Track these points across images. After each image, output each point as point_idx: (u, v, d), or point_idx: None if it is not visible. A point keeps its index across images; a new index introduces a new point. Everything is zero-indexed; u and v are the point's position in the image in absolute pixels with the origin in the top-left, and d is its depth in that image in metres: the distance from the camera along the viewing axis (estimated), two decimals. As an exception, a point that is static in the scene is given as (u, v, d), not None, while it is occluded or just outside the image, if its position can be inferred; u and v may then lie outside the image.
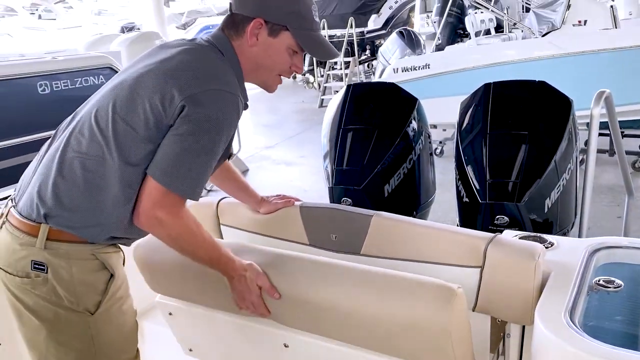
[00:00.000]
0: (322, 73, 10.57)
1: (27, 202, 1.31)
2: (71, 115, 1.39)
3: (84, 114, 1.32)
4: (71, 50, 6.24)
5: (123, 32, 11.60)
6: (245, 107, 1.39)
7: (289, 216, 1.42)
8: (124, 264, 1.42)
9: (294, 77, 13.28)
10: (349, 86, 2.66)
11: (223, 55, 1.35)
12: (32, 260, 1.27)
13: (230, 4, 1.41)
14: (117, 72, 4.76)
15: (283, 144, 7.53)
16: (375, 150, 2.30)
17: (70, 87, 4.38)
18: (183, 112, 1.22)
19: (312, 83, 11.44)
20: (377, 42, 10.75)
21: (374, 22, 10.88)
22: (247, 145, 6.71)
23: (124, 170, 1.25)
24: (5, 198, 1.54)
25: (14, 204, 1.36)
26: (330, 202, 2.33)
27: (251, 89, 1.43)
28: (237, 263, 1.32)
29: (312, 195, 5.27)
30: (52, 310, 1.29)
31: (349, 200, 2.22)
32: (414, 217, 2.45)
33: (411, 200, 2.43)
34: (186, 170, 1.22)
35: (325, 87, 10.01)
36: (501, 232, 1.68)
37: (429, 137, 2.68)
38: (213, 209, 1.50)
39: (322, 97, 9.79)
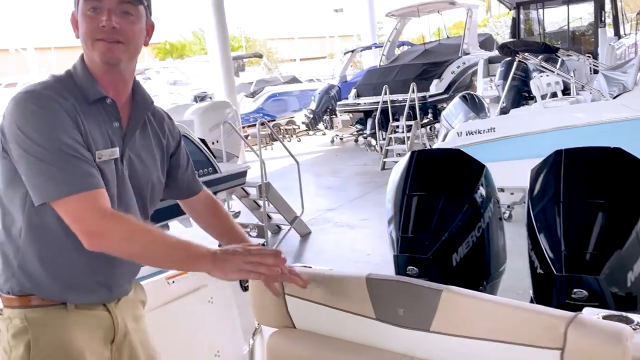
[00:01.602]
0: (383, 136, 10.66)
1: None
2: None
3: None
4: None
5: (196, 100, 12.24)
6: (103, 99, 1.40)
7: (355, 287, 1.39)
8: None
9: (356, 141, 13.47)
10: (413, 152, 2.65)
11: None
12: None
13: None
14: (191, 140, 5.05)
15: (345, 206, 7.54)
16: (442, 217, 2.25)
17: (146, 153, 4.63)
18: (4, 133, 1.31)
19: (374, 146, 11.52)
20: (440, 105, 10.77)
21: (436, 86, 10.96)
22: (309, 208, 6.77)
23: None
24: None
25: None
26: (396, 271, 2.28)
27: (304, 153, 1.44)
28: (205, 245, 1.33)
29: (376, 259, 5.20)
30: None
31: (415, 269, 2.17)
32: (484, 287, 2.35)
33: (481, 270, 2.34)
34: (55, 172, 1.26)
35: (387, 149, 10.05)
36: (580, 307, 1.58)
37: (498, 202, 2.60)
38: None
39: (384, 160, 9.82)
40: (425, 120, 10.81)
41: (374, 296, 1.34)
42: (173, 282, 1.88)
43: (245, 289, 1.98)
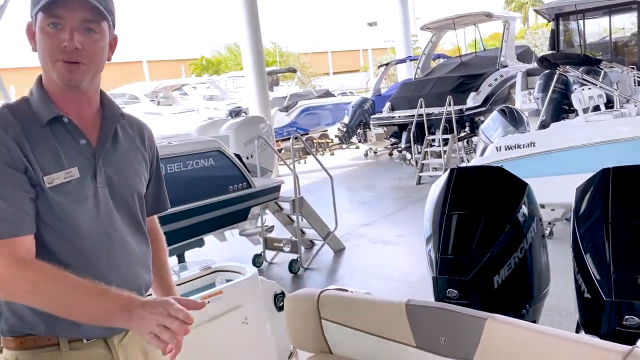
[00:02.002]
0: (419, 150, 10.54)
1: None
2: None
3: None
4: (184, 135, 6.72)
5: (231, 115, 12.38)
6: (64, 121, 1.33)
7: (394, 313, 1.34)
8: None
9: (390, 154, 13.37)
10: (452, 170, 2.58)
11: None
12: None
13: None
14: (226, 155, 5.08)
15: (380, 221, 7.45)
16: (483, 238, 2.17)
17: (183, 169, 4.68)
18: None
19: (409, 160, 11.40)
20: (477, 119, 10.61)
21: (473, 99, 10.80)
22: (343, 223, 6.70)
23: None
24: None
25: None
26: (435, 293, 2.21)
27: (337, 167, 1.40)
28: (127, 294, 1.23)
29: (413, 277, 5.10)
30: None
31: (455, 291, 2.09)
32: (527, 311, 2.26)
33: (523, 293, 2.24)
34: None
35: (423, 163, 9.93)
36: (631, 336, 1.49)
37: (541, 220, 2.50)
38: (314, 301, 1.45)
39: (420, 174, 9.70)
40: (462, 134, 10.65)
41: (414, 323, 1.29)
42: (208, 302, 1.86)
43: (280, 308, 1.94)
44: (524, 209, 2.32)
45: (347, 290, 1.54)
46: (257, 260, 5.94)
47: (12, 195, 1.24)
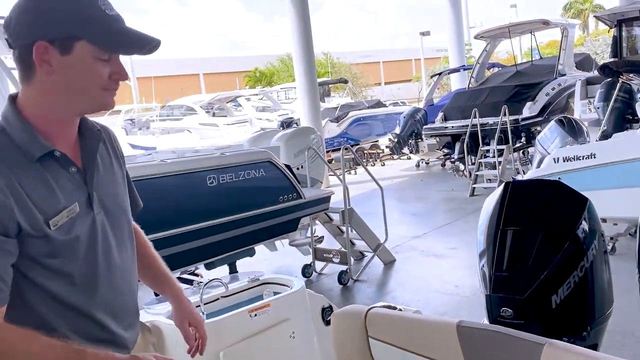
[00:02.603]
0: (472, 161, 10.30)
1: None
2: None
3: None
4: (236, 145, 6.82)
5: (282, 126, 12.54)
6: (55, 155, 1.22)
7: (444, 334, 1.28)
8: None
9: (443, 165, 13.14)
10: (507, 183, 2.48)
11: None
12: None
13: (8, 42, 1.20)
14: (276, 166, 5.12)
15: (432, 233, 7.31)
16: (540, 255, 2.07)
17: (234, 179, 4.75)
18: None
19: (463, 171, 11.16)
20: (533, 129, 10.27)
21: (530, 109, 10.48)
22: (393, 234, 6.62)
23: None
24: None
25: None
26: (487, 311, 2.12)
27: (388, 177, 1.36)
28: (104, 353, 1.16)
29: (465, 291, 4.96)
30: None
31: (510, 310, 2.00)
32: (588, 333, 2.13)
33: (584, 313, 2.12)
34: None
35: (477, 175, 9.70)
36: None
37: (603, 236, 2.37)
38: (361, 318, 1.41)
39: (474, 186, 9.47)
40: (518, 145, 10.35)
41: (465, 346, 1.23)
42: (255, 315, 1.85)
43: (327, 322, 1.91)
44: (585, 225, 2.20)
45: (395, 308, 1.48)
46: (306, 271, 5.94)
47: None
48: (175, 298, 1.60)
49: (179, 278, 5.65)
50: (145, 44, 1.22)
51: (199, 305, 1.83)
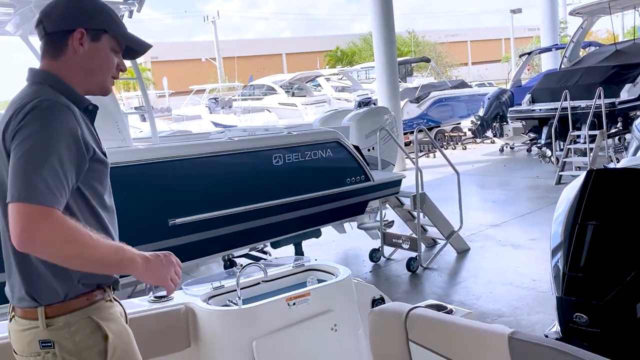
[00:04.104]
0: (561, 146, 9.62)
1: (17, 295, 1.46)
2: None
3: None
4: (305, 125, 6.72)
5: (360, 106, 12.31)
6: (94, 107, 1.53)
7: (494, 345, 1.09)
8: (126, 320, 1.54)
9: (529, 150, 12.41)
10: (590, 171, 2.19)
11: (41, 84, 1.46)
12: (39, 340, 1.41)
13: (42, 27, 1.50)
14: (344, 147, 4.98)
15: (511, 222, 6.90)
16: (624, 255, 1.80)
17: (300, 159, 4.66)
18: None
19: (549, 157, 10.49)
20: (632, 114, 9.42)
21: (629, 92, 9.59)
22: (470, 222, 6.30)
23: None
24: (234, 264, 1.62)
25: (10, 299, 1.51)
26: (559, 315, 1.88)
27: (469, 162, 1.18)
28: (133, 249, 1.40)
29: (542, 286, 4.62)
30: None
31: (584, 317, 1.75)
32: (681, 349, 1.84)
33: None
34: (29, 178, 1.26)
35: (565, 162, 9.06)
36: None
37: None
38: (402, 319, 1.24)
39: (561, 173, 8.87)
40: (613, 130, 9.54)
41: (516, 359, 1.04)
42: (294, 304, 1.72)
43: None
44: (683, 223, 1.89)
45: (445, 308, 1.30)
46: (374, 255, 5.78)
47: (71, 178, 1.38)
48: None
49: (247, 255, 5.70)
50: (143, 46, 1.65)
51: (235, 290, 1.74)
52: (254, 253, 5.55)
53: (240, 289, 1.78)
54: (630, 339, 1.68)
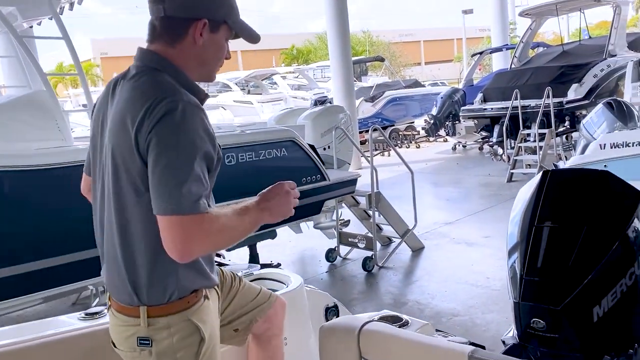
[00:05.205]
0: (512, 145, 9.83)
1: (120, 292, 1.44)
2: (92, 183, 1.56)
3: (106, 179, 1.43)
4: (259, 124, 6.59)
5: (316, 104, 12.24)
6: (206, 97, 1.49)
7: (454, 361, 1.03)
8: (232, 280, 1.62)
9: (480, 149, 12.64)
10: (546, 172, 2.16)
11: (160, 72, 1.41)
12: (137, 337, 1.41)
13: (162, 7, 1.42)
14: (299, 146, 4.88)
15: (465, 220, 6.98)
16: (581, 258, 1.76)
17: (254, 159, 4.53)
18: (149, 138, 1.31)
19: (501, 155, 10.70)
20: (578, 113, 9.72)
21: (575, 91, 9.89)
22: (424, 220, 6.32)
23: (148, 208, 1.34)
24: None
25: (110, 293, 1.50)
26: (516, 322, 1.84)
27: (422, 160, 1.11)
28: (255, 203, 1.46)
29: (496, 284, 4.66)
30: None
31: (542, 322, 1.71)
32: (635, 352, 1.83)
33: (631, 329, 1.82)
34: (178, 189, 1.26)
35: (516, 160, 9.26)
36: None
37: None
38: (354, 335, 1.15)
39: (512, 171, 9.06)
40: (561, 129, 9.81)
41: (479, 381, 0.97)
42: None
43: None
44: (637, 224, 1.88)
45: (400, 320, 1.22)
46: (330, 255, 5.72)
47: (207, 177, 1.36)
48: None
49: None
50: (256, 38, 1.55)
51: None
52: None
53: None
54: (587, 343, 1.64)
